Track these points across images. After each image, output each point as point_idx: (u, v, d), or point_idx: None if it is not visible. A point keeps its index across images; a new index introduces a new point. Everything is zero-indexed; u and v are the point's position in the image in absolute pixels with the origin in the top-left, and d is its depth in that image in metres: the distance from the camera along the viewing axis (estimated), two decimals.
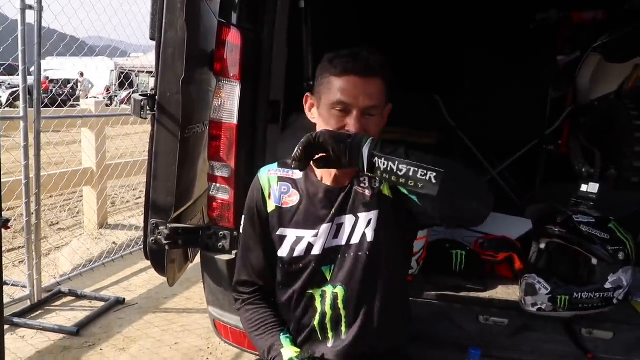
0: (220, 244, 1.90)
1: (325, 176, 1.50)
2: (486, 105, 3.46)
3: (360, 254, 1.45)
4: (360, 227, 1.45)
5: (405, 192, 1.30)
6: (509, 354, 1.83)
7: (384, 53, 1.45)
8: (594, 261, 1.87)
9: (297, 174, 1.53)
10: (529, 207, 2.13)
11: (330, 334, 1.50)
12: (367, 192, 1.46)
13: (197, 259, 2.13)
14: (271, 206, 1.52)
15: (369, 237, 1.44)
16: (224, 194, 1.89)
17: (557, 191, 2.55)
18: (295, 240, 1.49)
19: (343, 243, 1.46)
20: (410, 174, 1.25)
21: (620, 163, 2.63)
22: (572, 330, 1.86)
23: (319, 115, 1.46)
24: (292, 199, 1.51)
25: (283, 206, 1.51)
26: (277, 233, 1.51)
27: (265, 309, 1.57)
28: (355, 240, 1.45)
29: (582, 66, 3.19)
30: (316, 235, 1.47)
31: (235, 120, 1.85)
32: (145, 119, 1.83)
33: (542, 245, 1.97)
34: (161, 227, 1.84)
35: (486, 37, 3.54)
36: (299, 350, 1.48)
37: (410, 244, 1.62)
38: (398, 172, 1.25)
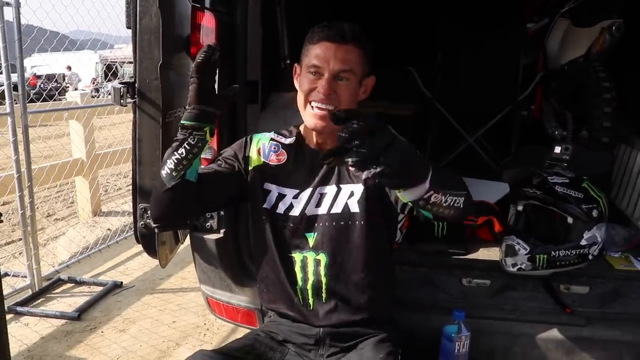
0: (208, 224, 1.88)
1: (309, 139, 1.53)
2: (460, 75, 3.43)
3: (342, 223, 1.46)
4: (342, 197, 1.46)
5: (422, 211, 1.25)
6: (492, 313, 1.83)
7: (359, 26, 1.44)
8: (570, 220, 1.87)
9: (288, 140, 1.56)
10: (505, 171, 2.13)
11: (310, 300, 1.50)
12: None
13: (187, 241, 2.10)
14: (258, 160, 1.54)
15: (352, 208, 1.45)
16: None
17: (531, 154, 2.54)
18: (278, 196, 1.51)
19: (325, 212, 1.47)
20: (449, 202, 1.21)
21: (591, 124, 2.62)
22: (551, 287, 1.86)
23: (299, 82, 1.49)
24: (280, 157, 1.54)
25: (270, 163, 1.54)
26: (263, 187, 1.52)
27: None
28: (336, 210, 1.46)
29: (551, 32, 3.17)
30: (296, 197, 1.50)
31: None
32: (126, 106, 1.79)
33: (520, 207, 1.97)
34: (149, 211, 1.81)
35: (458, 8, 3.49)
36: None
37: (394, 216, 1.59)
38: (442, 203, 1.20)
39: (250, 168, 1.54)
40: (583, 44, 2.95)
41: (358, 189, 1.46)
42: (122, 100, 1.80)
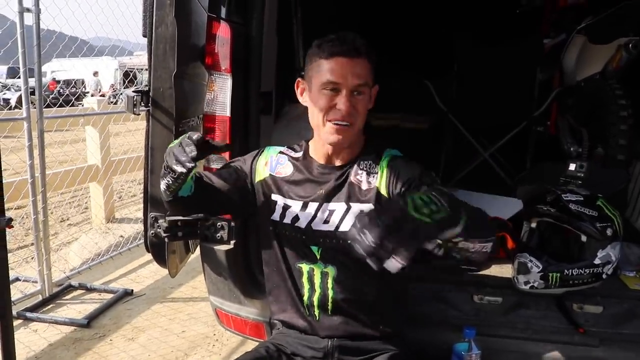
0: (218, 234, 1.86)
1: (319, 154, 1.53)
2: (476, 89, 3.41)
3: (349, 242, 1.41)
4: (351, 216, 1.45)
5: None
6: (503, 331, 1.81)
7: (376, 40, 1.45)
8: (584, 238, 1.85)
9: (298, 154, 1.57)
10: (520, 187, 2.10)
11: (316, 312, 1.50)
12: (364, 186, 1.46)
13: (198, 251, 2.10)
14: (264, 172, 1.55)
15: None
16: None
17: (546, 171, 2.52)
18: (284, 207, 1.51)
19: (332, 229, 1.46)
20: (477, 249, 1.32)
21: (607, 141, 2.60)
22: (564, 306, 1.84)
23: (310, 99, 1.47)
24: (286, 170, 1.54)
25: (276, 175, 1.54)
26: (271, 198, 1.53)
27: None
28: (345, 227, 1.44)
29: (568, 48, 3.15)
30: (303, 209, 1.49)
31: (228, 113, 1.82)
32: (139, 114, 1.80)
33: (533, 225, 1.95)
34: (160, 221, 1.81)
35: (474, 22, 3.50)
36: None
37: None
38: (470, 249, 1.38)
39: (256, 180, 1.56)
40: (599, 61, 2.93)
41: (368, 208, 1.44)
42: (135, 109, 1.81)
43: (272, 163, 1.56)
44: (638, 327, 1.80)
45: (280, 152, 1.58)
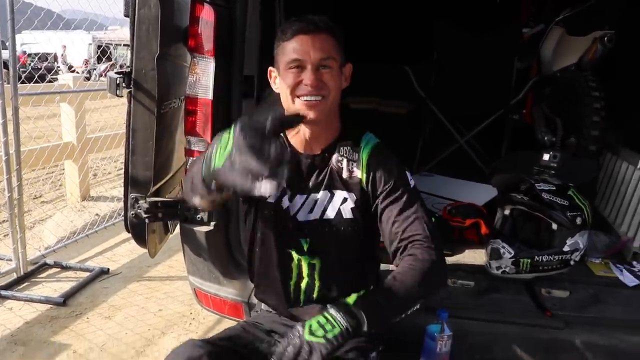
0: (198, 216, 1.90)
1: (297, 146, 1.51)
2: (454, 77, 3.46)
3: (334, 229, 1.46)
4: (335, 203, 1.47)
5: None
6: (475, 313, 1.87)
7: (357, 25, 1.46)
8: (554, 226, 1.92)
9: None
10: (495, 176, 2.16)
11: (302, 297, 1.52)
12: (344, 174, 1.47)
13: (178, 229, 2.12)
14: None
15: (345, 214, 1.46)
16: None
17: (520, 160, 2.58)
18: (276, 199, 1.49)
19: (317, 217, 1.47)
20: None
21: (580, 132, 2.67)
22: (533, 291, 1.91)
23: (280, 82, 1.46)
24: None
25: None
26: None
27: None
28: (329, 215, 1.47)
29: (546, 39, 3.21)
30: (291, 201, 1.49)
31: (210, 96, 1.82)
32: (121, 96, 1.79)
33: (507, 212, 2.01)
34: (141, 201, 1.83)
35: (455, 10, 3.52)
36: None
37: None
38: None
39: None
40: (576, 53, 2.99)
41: (351, 197, 1.46)
42: (117, 90, 1.81)
43: None
44: (601, 311, 1.88)
45: None
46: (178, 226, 2.09)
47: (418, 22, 3.54)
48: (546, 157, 2.23)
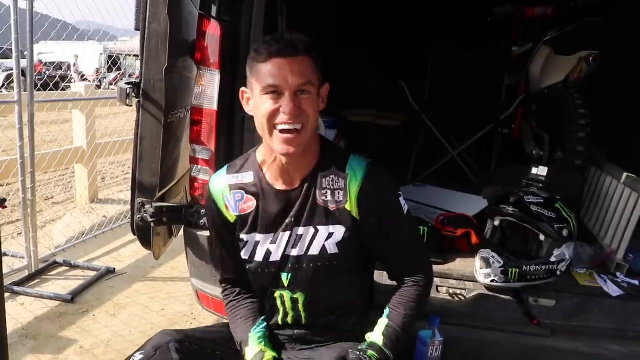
0: (202, 221, 1.87)
1: (275, 178, 1.39)
2: (447, 91, 3.46)
3: (319, 264, 1.37)
4: (319, 239, 1.36)
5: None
6: (465, 320, 1.85)
7: (356, 41, 1.42)
8: (542, 237, 1.90)
9: (248, 178, 1.41)
10: (485, 188, 2.15)
11: (292, 328, 1.47)
12: (331, 206, 1.35)
13: (181, 232, 2.10)
14: (232, 216, 1.43)
15: (330, 249, 1.36)
16: (204, 175, 1.86)
17: (510, 172, 2.57)
18: (255, 244, 1.41)
19: (301, 253, 1.37)
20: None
21: (566, 147, 2.65)
22: (521, 299, 1.88)
23: (254, 107, 1.33)
24: (248, 204, 1.40)
25: (241, 214, 1.41)
26: (240, 237, 1.43)
27: (243, 302, 1.50)
28: (314, 252, 1.36)
29: (534, 57, 3.20)
30: (274, 242, 1.39)
31: (215, 107, 1.81)
32: (130, 106, 1.78)
33: (496, 223, 2.00)
34: (147, 206, 1.81)
35: (449, 29, 3.53)
36: (264, 349, 1.40)
37: (371, 251, 1.47)
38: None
39: (231, 224, 1.44)
40: (562, 71, 2.98)
41: (338, 230, 1.35)
42: (127, 100, 1.79)
43: (230, 204, 1.42)
44: (586, 320, 1.86)
45: (230, 187, 1.42)
46: (182, 230, 2.07)
47: (413, 40, 3.54)
48: (535, 170, 2.21)
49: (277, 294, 1.43)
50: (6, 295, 2.95)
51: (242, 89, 1.38)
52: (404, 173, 3.45)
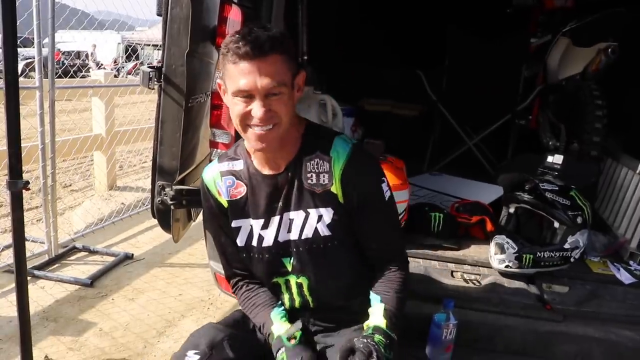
0: None
1: (262, 164, 1.40)
2: (465, 82, 3.46)
3: (314, 246, 1.38)
4: (311, 222, 1.37)
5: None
6: (479, 305, 1.88)
7: (374, 31, 1.41)
8: (556, 224, 1.92)
9: (238, 165, 1.42)
10: (501, 175, 2.16)
11: (301, 314, 1.49)
12: (317, 189, 1.35)
13: (200, 217, 2.14)
14: (224, 201, 1.44)
15: (322, 231, 1.36)
16: None
17: (526, 161, 2.58)
18: (249, 230, 1.42)
19: (296, 237, 1.38)
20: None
21: (582, 138, 2.66)
22: (534, 285, 1.90)
23: (228, 103, 1.33)
24: (239, 190, 1.41)
25: (232, 199, 1.42)
26: (232, 225, 1.44)
27: (256, 291, 1.51)
28: (307, 234, 1.37)
29: (552, 49, 3.19)
30: (266, 227, 1.40)
31: None
32: (153, 89, 1.82)
33: (511, 210, 2.01)
34: (167, 189, 1.84)
35: (467, 19, 3.53)
36: (288, 325, 1.43)
37: None
38: None
39: (225, 210, 1.45)
40: (580, 63, 2.97)
41: (327, 212, 1.35)
42: (149, 83, 1.83)
43: (222, 189, 1.43)
44: (598, 306, 1.88)
45: (221, 173, 1.43)
46: (200, 214, 2.11)
47: (432, 30, 3.55)
48: (550, 159, 2.23)
49: (282, 280, 1.45)
50: (27, 278, 3.04)
51: (218, 81, 1.37)
52: (421, 162, 3.46)
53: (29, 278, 3.03)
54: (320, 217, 1.36)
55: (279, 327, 1.42)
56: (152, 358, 2.47)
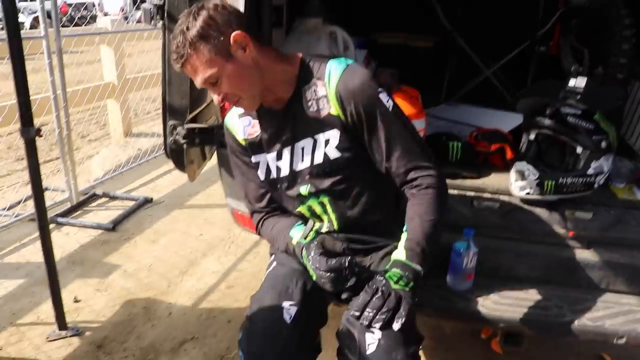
0: None
1: (268, 102, 1.43)
2: (481, 9, 3.30)
3: (327, 170, 1.41)
4: (319, 148, 1.40)
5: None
6: (499, 232, 1.85)
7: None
8: (579, 149, 1.84)
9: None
10: (520, 101, 2.07)
11: (330, 235, 1.51)
12: (322, 114, 1.37)
13: (214, 158, 2.12)
14: (242, 140, 1.52)
15: (331, 155, 1.39)
16: None
17: (546, 86, 2.48)
18: (266, 164, 1.49)
19: (308, 165, 1.42)
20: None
21: (607, 61, 2.53)
22: (557, 212, 1.86)
23: None
24: (255, 129, 1.48)
25: (249, 137, 1.50)
26: (252, 161, 1.52)
27: (277, 218, 1.57)
28: (318, 160, 1.41)
29: None
30: (280, 159, 1.46)
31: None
32: (155, 26, 1.76)
33: (532, 136, 1.94)
34: (179, 128, 1.83)
35: None
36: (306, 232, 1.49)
37: None
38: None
39: (244, 148, 1.53)
40: None
41: (333, 135, 1.37)
42: (152, 21, 1.77)
43: (240, 130, 1.51)
44: (623, 231, 1.83)
45: (239, 115, 1.51)
46: (215, 153, 2.10)
47: None
48: (572, 82, 2.12)
49: (304, 207, 1.50)
50: (51, 226, 3.11)
51: None
52: (438, 94, 3.36)
53: (53, 225, 3.13)
54: (327, 141, 1.39)
55: (297, 234, 1.48)
56: (176, 296, 2.53)
